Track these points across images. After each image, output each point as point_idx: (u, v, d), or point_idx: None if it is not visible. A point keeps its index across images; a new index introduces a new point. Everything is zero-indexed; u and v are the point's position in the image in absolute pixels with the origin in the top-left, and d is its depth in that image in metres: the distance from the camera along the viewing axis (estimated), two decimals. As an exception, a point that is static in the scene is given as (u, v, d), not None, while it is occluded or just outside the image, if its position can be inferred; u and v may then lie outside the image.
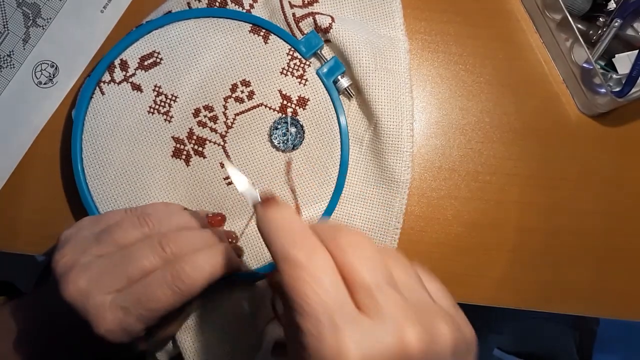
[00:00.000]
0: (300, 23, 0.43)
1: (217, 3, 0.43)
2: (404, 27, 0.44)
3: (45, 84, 0.45)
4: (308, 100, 0.42)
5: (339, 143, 0.42)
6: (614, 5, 0.44)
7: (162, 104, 0.42)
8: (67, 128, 0.45)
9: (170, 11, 0.43)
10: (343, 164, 0.42)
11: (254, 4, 0.43)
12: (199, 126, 0.42)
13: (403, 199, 0.43)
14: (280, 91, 0.42)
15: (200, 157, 0.42)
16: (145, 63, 0.42)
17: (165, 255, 0.34)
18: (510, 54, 0.47)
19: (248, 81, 0.42)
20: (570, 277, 0.46)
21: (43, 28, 0.45)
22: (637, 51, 0.43)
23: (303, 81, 0.42)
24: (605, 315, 0.46)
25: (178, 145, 0.42)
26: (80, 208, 0.41)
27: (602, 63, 0.46)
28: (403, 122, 0.42)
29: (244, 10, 0.43)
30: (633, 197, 0.46)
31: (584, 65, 0.43)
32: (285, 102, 0.42)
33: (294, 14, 0.43)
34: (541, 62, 0.47)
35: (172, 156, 0.42)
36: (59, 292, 0.33)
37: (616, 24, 0.43)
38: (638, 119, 0.47)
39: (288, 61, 0.42)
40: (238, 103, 0.42)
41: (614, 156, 0.47)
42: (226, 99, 0.42)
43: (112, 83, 0.42)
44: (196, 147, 0.42)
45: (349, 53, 0.42)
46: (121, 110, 0.41)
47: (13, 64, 0.45)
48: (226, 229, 0.42)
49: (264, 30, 0.42)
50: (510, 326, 0.80)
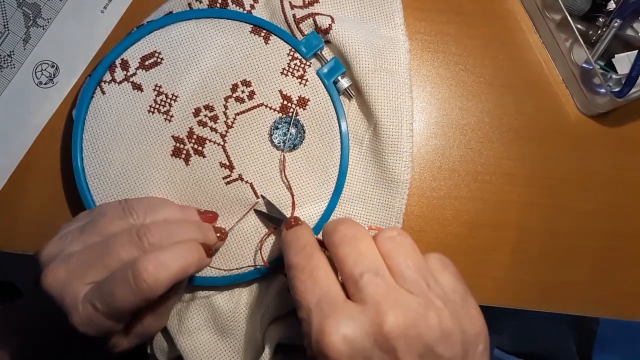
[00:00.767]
0: (300, 24, 0.43)
1: (218, 4, 0.43)
2: (404, 28, 0.44)
3: (45, 84, 0.45)
4: (308, 100, 0.43)
5: (339, 143, 0.43)
6: (614, 5, 0.44)
7: (163, 104, 0.42)
8: (68, 128, 0.45)
9: (171, 12, 0.43)
10: (343, 164, 0.42)
11: (255, 5, 0.43)
12: (199, 126, 0.42)
13: (403, 199, 0.43)
14: (280, 91, 0.42)
15: (199, 157, 0.42)
16: (146, 63, 0.42)
17: (143, 246, 0.33)
18: (510, 54, 0.47)
19: (249, 81, 0.42)
20: (570, 277, 0.46)
21: (43, 28, 0.45)
22: (637, 51, 0.43)
23: (303, 81, 0.43)
24: (605, 315, 0.47)
25: (178, 144, 0.42)
26: (80, 207, 0.41)
27: (602, 63, 0.46)
28: (403, 123, 0.42)
29: (245, 11, 0.43)
30: (633, 197, 0.46)
31: (584, 65, 0.43)
32: (285, 102, 0.42)
33: (295, 15, 0.43)
34: (541, 63, 0.47)
35: (172, 155, 0.42)
36: (39, 282, 0.33)
37: (616, 24, 0.43)
38: (638, 119, 0.47)
39: (288, 62, 0.43)
40: (238, 103, 0.42)
41: (614, 156, 0.47)
42: (227, 99, 0.42)
43: (113, 82, 0.42)
44: (196, 147, 0.42)
45: (349, 54, 0.42)
46: (122, 109, 0.42)
47: (13, 64, 0.45)
48: (217, 226, 0.41)
49: (265, 31, 0.42)
50: (510, 326, 0.80)
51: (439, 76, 0.47)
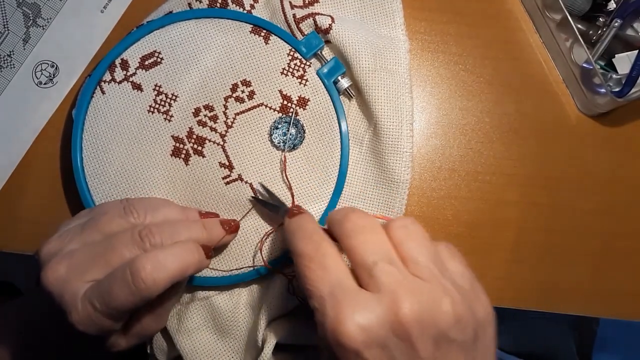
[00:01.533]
0: (300, 24, 0.43)
1: (218, 4, 0.43)
2: (404, 27, 0.44)
3: (45, 84, 0.45)
4: (308, 100, 0.42)
5: (339, 143, 0.43)
6: (614, 5, 0.44)
7: (162, 103, 0.42)
8: (67, 127, 0.45)
9: (171, 11, 0.43)
10: (343, 164, 0.42)
11: (255, 5, 0.43)
12: (199, 125, 0.42)
13: (403, 199, 0.43)
14: (280, 91, 0.42)
15: (199, 157, 0.42)
16: (146, 62, 0.42)
17: (145, 246, 0.33)
18: (510, 54, 0.47)
19: (248, 81, 0.42)
20: (570, 277, 0.46)
21: (43, 28, 0.45)
22: (637, 51, 0.43)
23: (303, 81, 0.43)
24: (605, 315, 0.47)
25: (177, 144, 0.42)
26: (80, 207, 0.41)
27: (602, 63, 0.46)
28: (403, 123, 0.42)
29: (245, 11, 0.43)
30: (633, 197, 0.46)
31: (584, 65, 0.43)
32: (285, 102, 0.42)
33: (295, 15, 0.43)
34: (541, 62, 0.47)
35: (172, 155, 0.42)
36: (39, 279, 0.33)
37: (616, 24, 0.43)
38: (638, 119, 0.47)
39: (288, 61, 0.42)
40: (238, 103, 0.42)
41: (614, 156, 0.47)
42: (226, 99, 0.42)
43: (113, 82, 0.42)
44: (195, 147, 0.42)
45: (349, 54, 0.42)
46: (121, 109, 0.42)
47: (13, 64, 0.45)
48: (226, 218, 0.41)
49: (265, 30, 0.42)
50: (510, 326, 0.80)
51: (439, 76, 0.47)
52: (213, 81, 0.42)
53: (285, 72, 0.42)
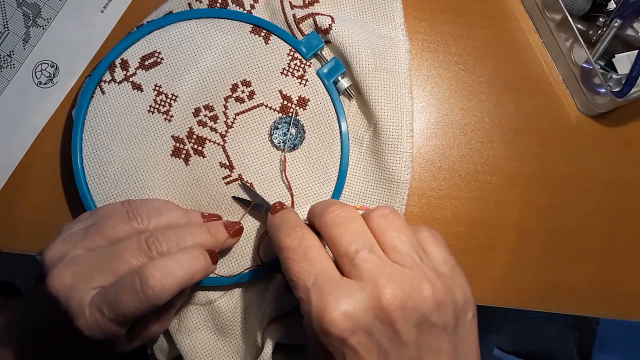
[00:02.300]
0: (300, 24, 0.43)
1: (218, 4, 0.43)
2: (405, 27, 0.44)
3: (45, 84, 0.45)
4: (308, 100, 0.42)
5: (339, 143, 0.43)
6: (614, 5, 0.44)
7: (162, 104, 0.42)
8: (68, 128, 0.45)
9: (171, 11, 0.43)
10: (343, 164, 0.42)
11: (255, 5, 0.43)
12: (199, 125, 0.42)
13: (403, 199, 0.43)
14: (280, 91, 0.42)
15: (199, 157, 0.42)
16: (146, 63, 0.42)
17: (151, 254, 0.34)
18: (510, 54, 0.47)
19: (248, 81, 0.42)
20: (570, 277, 0.46)
21: (43, 28, 0.45)
22: (637, 51, 0.43)
23: (303, 81, 0.43)
24: (605, 315, 0.47)
25: (177, 144, 0.42)
26: (80, 207, 0.41)
27: (602, 63, 0.46)
28: (403, 123, 0.42)
29: (245, 11, 0.43)
30: (633, 197, 0.46)
31: (584, 65, 0.43)
32: (285, 102, 0.42)
33: (295, 15, 0.43)
34: (541, 62, 0.47)
35: (172, 155, 0.42)
36: (45, 285, 0.33)
37: (616, 24, 0.43)
38: (638, 119, 0.47)
39: (289, 62, 0.42)
40: (238, 103, 0.42)
41: (614, 156, 0.47)
42: (226, 99, 0.42)
43: (113, 82, 0.42)
44: (196, 147, 0.42)
45: (349, 54, 0.42)
46: (121, 109, 0.42)
47: (13, 64, 0.45)
48: (230, 220, 0.41)
49: (265, 31, 0.42)
50: (510, 326, 0.80)
51: (439, 76, 0.47)
52: (213, 81, 0.42)
53: (285, 72, 0.42)
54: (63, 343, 0.37)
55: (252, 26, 0.42)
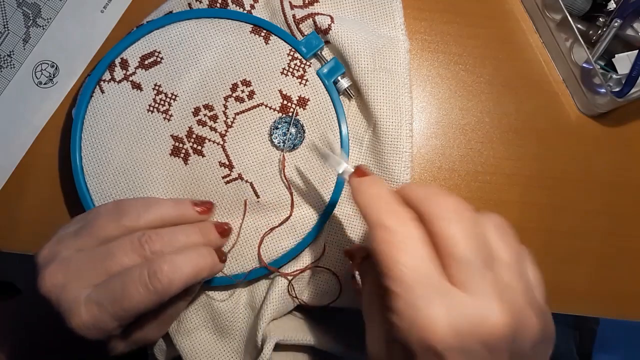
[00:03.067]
0: (300, 24, 0.43)
1: (218, 4, 0.43)
2: (404, 27, 0.44)
3: (45, 84, 0.45)
4: (308, 100, 0.42)
5: (339, 143, 0.42)
6: (614, 5, 0.44)
7: (162, 103, 0.42)
8: (67, 127, 0.45)
9: (171, 11, 0.43)
10: (343, 164, 0.42)
11: (255, 5, 0.43)
12: (199, 125, 0.42)
13: (403, 199, 0.43)
14: (280, 91, 0.42)
15: (199, 156, 0.42)
16: (145, 62, 0.42)
17: (144, 253, 0.34)
18: (510, 54, 0.47)
19: (248, 81, 0.42)
20: (570, 277, 0.46)
21: (43, 28, 0.45)
22: (637, 51, 0.43)
23: (303, 81, 0.42)
24: (605, 315, 0.46)
25: (177, 143, 0.42)
26: (79, 207, 0.41)
27: (602, 63, 0.46)
28: (402, 123, 0.42)
29: (245, 11, 0.43)
30: (633, 197, 0.46)
31: (584, 65, 0.43)
32: (285, 102, 0.42)
33: (294, 15, 0.43)
34: (541, 62, 0.47)
35: (171, 154, 0.42)
36: (37, 286, 0.33)
37: (616, 24, 0.43)
38: (638, 119, 0.47)
39: (288, 61, 0.42)
40: (238, 102, 0.42)
41: (614, 156, 0.47)
42: (226, 99, 0.42)
43: (113, 82, 0.42)
44: (195, 146, 0.42)
45: (348, 53, 0.42)
46: (121, 108, 0.42)
47: (13, 64, 0.45)
48: (221, 221, 0.41)
49: (265, 30, 0.42)
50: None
51: (439, 76, 0.47)
52: (213, 81, 0.42)
53: (285, 72, 0.42)
54: (61, 345, 0.37)
55: (252, 26, 0.42)
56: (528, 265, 0.29)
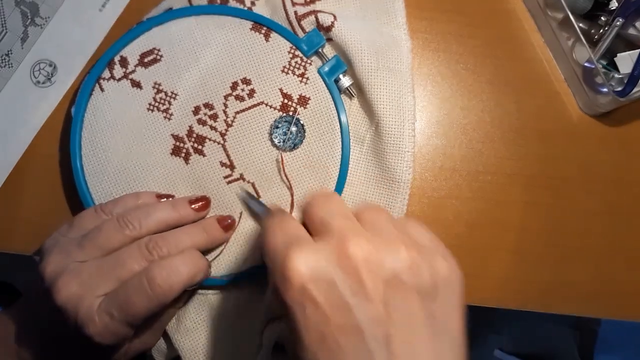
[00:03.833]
0: (302, 21, 0.43)
1: (219, 0, 0.43)
2: (407, 26, 0.44)
3: (43, 83, 0.45)
4: (309, 99, 0.42)
5: (340, 142, 0.42)
6: (616, 4, 0.44)
7: (162, 102, 0.41)
8: (66, 127, 0.45)
9: (171, 8, 0.43)
10: (344, 164, 0.42)
11: (256, 2, 0.43)
12: (199, 124, 0.42)
13: (404, 199, 0.43)
14: (281, 90, 0.42)
15: (199, 155, 0.41)
16: (145, 60, 0.42)
17: (152, 258, 0.36)
18: (511, 54, 0.47)
19: (249, 79, 0.42)
20: (571, 277, 0.46)
21: (41, 27, 0.45)
22: (639, 50, 0.43)
23: (304, 80, 0.42)
24: (606, 315, 0.46)
25: (177, 143, 0.41)
26: (79, 206, 0.41)
27: (604, 62, 0.46)
28: (405, 122, 0.42)
29: (246, 7, 0.43)
30: (634, 197, 0.46)
31: (586, 64, 0.43)
32: (286, 101, 0.42)
33: (296, 12, 0.42)
34: (543, 62, 0.47)
35: (171, 154, 0.41)
36: (51, 299, 0.34)
37: (618, 23, 0.43)
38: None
39: (289, 59, 0.42)
40: (238, 101, 0.42)
41: (616, 156, 0.46)
42: (226, 97, 0.42)
43: (112, 80, 0.41)
44: (195, 145, 0.42)
45: (351, 52, 0.42)
46: (120, 107, 0.41)
47: (11, 64, 0.45)
48: (223, 215, 0.42)
49: (265, 28, 0.42)
50: (511, 327, 0.80)
51: (440, 75, 0.47)
52: (213, 79, 0.42)
53: (285, 70, 0.42)
54: (59, 344, 0.37)
55: (253, 23, 0.42)
56: (412, 224, 0.30)
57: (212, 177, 0.41)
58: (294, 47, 0.42)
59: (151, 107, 0.41)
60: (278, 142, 0.42)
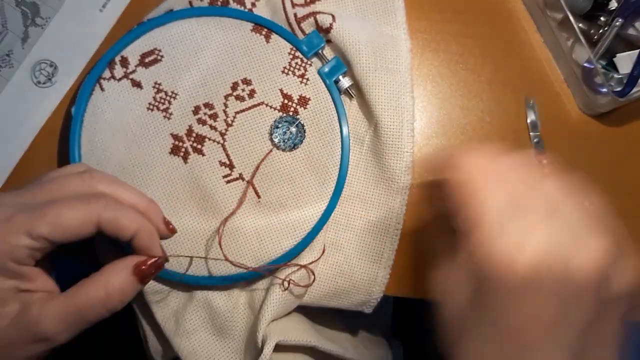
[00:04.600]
0: (301, 23, 0.43)
1: (219, 2, 0.43)
2: (406, 26, 0.44)
3: (44, 84, 0.45)
4: (309, 99, 0.42)
5: (340, 143, 0.42)
6: (616, 4, 0.44)
7: (162, 101, 0.42)
8: (66, 127, 0.45)
9: (171, 9, 0.43)
10: (343, 164, 0.42)
11: (256, 3, 0.43)
12: (199, 124, 0.42)
13: (404, 200, 0.43)
14: (281, 90, 0.42)
15: (199, 155, 0.42)
16: (146, 60, 0.42)
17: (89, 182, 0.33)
18: (511, 54, 0.47)
19: (249, 80, 0.42)
20: (571, 278, 0.46)
21: (42, 27, 0.45)
22: (638, 51, 0.43)
23: (304, 80, 0.42)
24: (607, 315, 0.46)
25: (176, 142, 0.42)
26: (79, 207, 0.41)
27: (604, 62, 0.46)
28: (404, 122, 0.42)
29: (246, 9, 0.43)
30: (634, 197, 0.46)
31: (585, 64, 0.43)
32: (286, 101, 0.42)
33: (296, 14, 0.42)
34: (542, 62, 0.47)
35: (170, 153, 0.41)
36: None
37: (617, 23, 0.43)
38: (639, 119, 0.47)
39: (289, 60, 0.42)
40: (239, 101, 0.42)
41: (615, 156, 0.46)
42: (227, 97, 0.42)
43: (112, 79, 0.41)
44: (195, 145, 0.42)
45: (350, 53, 0.42)
46: (120, 107, 0.41)
47: (12, 64, 0.45)
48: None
49: (266, 29, 0.42)
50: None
51: (440, 75, 0.47)
52: (213, 79, 0.42)
53: (286, 71, 0.42)
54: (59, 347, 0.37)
55: (253, 24, 0.42)
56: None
57: (211, 176, 0.41)
58: (294, 49, 0.42)
59: (151, 107, 0.41)
60: (278, 143, 0.42)
